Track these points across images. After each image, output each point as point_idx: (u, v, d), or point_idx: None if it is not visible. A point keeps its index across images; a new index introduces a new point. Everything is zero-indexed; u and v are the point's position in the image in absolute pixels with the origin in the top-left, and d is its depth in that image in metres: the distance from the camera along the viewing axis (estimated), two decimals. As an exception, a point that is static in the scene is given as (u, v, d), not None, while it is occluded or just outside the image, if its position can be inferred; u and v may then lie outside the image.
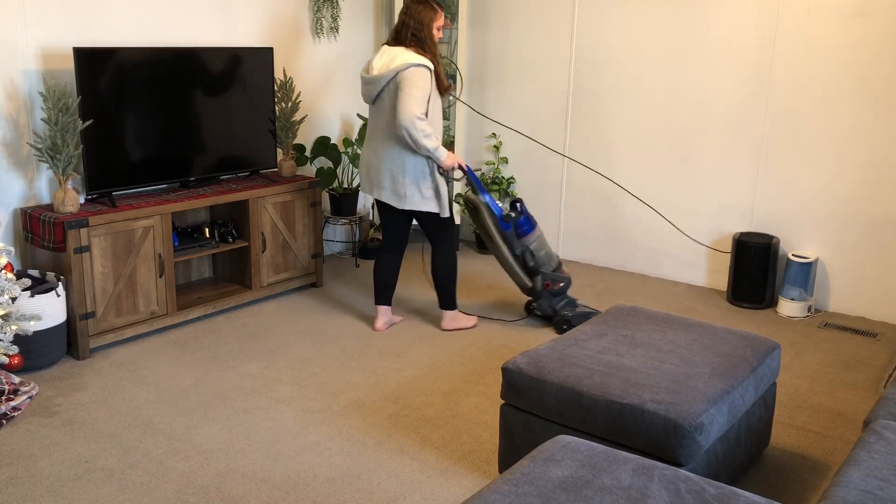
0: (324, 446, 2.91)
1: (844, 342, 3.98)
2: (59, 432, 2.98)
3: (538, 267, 3.96)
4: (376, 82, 3.64)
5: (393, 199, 3.73)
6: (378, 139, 3.72)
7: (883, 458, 1.97)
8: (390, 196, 3.73)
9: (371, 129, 3.77)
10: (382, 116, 3.68)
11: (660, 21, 4.68)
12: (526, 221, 3.97)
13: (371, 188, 3.79)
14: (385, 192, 3.74)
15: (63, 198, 3.53)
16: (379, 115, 3.71)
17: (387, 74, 3.59)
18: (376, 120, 3.72)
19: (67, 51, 3.76)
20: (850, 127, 4.18)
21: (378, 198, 3.78)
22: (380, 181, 3.74)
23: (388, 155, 3.69)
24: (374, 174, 3.75)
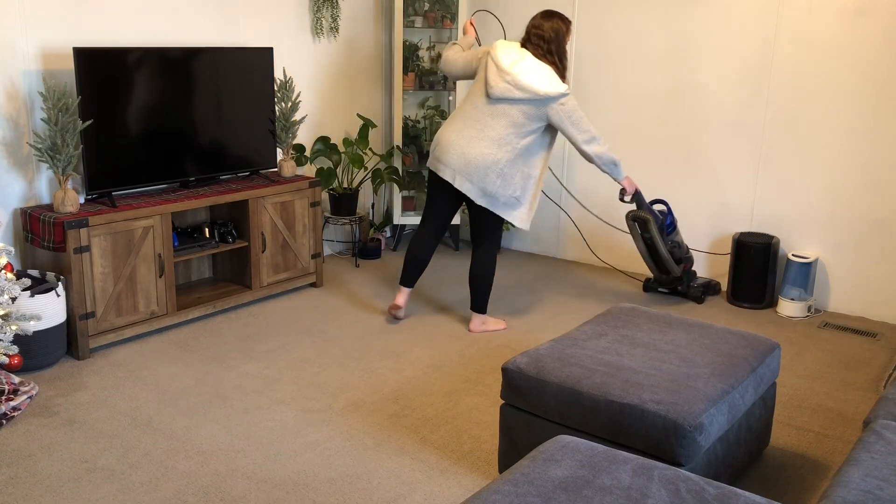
0: (324, 446, 2.91)
1: (844, 342, 3.98)
2: (59, 432, 2.98)
3: (682, 256, 4.49)
4: (525, 90, 3.55)
5: (475, 194, 3.67)
6: (485, 136, 3.62)
7: (883, 458, 1.97)
8: (474, 191, 3.66)
9: (475, 119, 3.65)
10: (503, 117, 3.61)
11: (660, 21, 4.68)
12: (671, 220, 4.44)
13: (455, 177, 3.67)
14: (472, 186, 3.66)
15: (63, 198, 3.53)
16: (497, 114, 3.61)
17: (542, 96, 3.55)
18: (492, 117, 3.62)
19: (67, 51, 3.76)
20: (849, 127, 4.18)
21: (460, 188, 3.67)
22: (470, 176, 3.64)
23: (494, 158, 3.61)
24: (464, 167, 3.64)
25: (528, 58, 3.63)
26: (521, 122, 3.63)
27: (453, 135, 3.70)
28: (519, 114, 3.61)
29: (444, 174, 3.70)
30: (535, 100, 3.59)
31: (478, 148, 3.63)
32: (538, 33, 3.69)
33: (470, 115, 3.69)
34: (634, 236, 4.38)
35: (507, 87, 3.58)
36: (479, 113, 3.66)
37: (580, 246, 5.26)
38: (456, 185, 3.69)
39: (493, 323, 4.04)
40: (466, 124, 3.68)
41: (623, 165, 4.97)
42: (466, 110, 3.72)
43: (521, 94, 3.58)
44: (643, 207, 4.29)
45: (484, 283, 3.90)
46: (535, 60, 3.64)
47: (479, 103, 3.68)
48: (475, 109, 3.68)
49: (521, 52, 3.67)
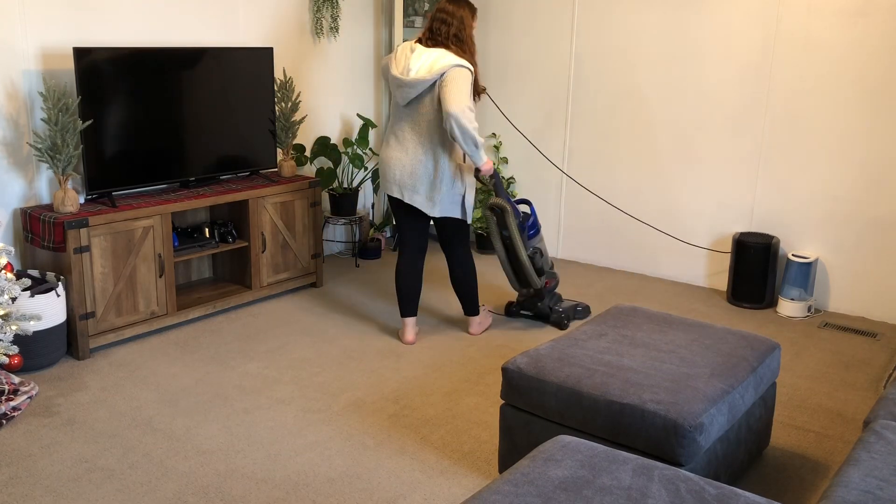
0: (324, 446, 2.91)
1: (844, 342, 3.98)
2: (59, 432, 2.98)
3: (543, 267, 4.04)
4: (416, 85, 3.50)
5: (427, 206, 3.62)
6: (414, 142, 3.59)
7: (883, 458, 1.97)
8: (424, 202, 3.62)
9: (402, 130, 3.62)
10: (421, 119, 3.57)
11: (660, 21, 4.68)
12: (535, 223, 4.05)
13: (402, 192, 3.63)
14: (419, 197, 3.62)
15: (63, 198, 3.53)
16: (416, 118, 3.58)
17: (429, 78, 3.47)
18: (413, 122, 3.59)
19: (67, 51, 3.76)
20: (849, 127, 4.18)
21: (411, 202, 3.62)
22: (414, 186, 3.60)
23: (428, 160, 3.58)
24: (407, 178, 3.61)
25: (415, 54, 3.56)
26: (435, 113, 3.55)
27: (390, 151, 3.66)
28: (429, 107, 3.55)
29: (393, 192, 3.65)
30: (430, 81, 3.50)
31: (414, 155, 3.59)
32: (441, 17, 3.61)
33: (396, 129, 3.65)
34: (491, 232, 3.98)
35: (404, 91, 3.54)
36: (402, 123, 3.63)
37: (580, 245, 5.26)
38: (406, 200, 3.63)
39: (486, 319, 4.05)
40: (398, 138, 3.64)
41: (623, 165, 4.98)
42: (393, 126, 3.68)
43: (416, 90, 3.51)
44: (501, 195, 3.93)
45: (469, 285, 3.88)
46: (422, 52, 3.56)
47: (398, 114, 3.64)
48: (398, 121, 3.64)
49: (406, 51, 3.61)
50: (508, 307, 4.27)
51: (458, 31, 3.60)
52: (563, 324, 4.10)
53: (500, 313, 4.31)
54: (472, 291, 3.89)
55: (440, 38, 3.58)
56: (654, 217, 4.91)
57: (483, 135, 5.53)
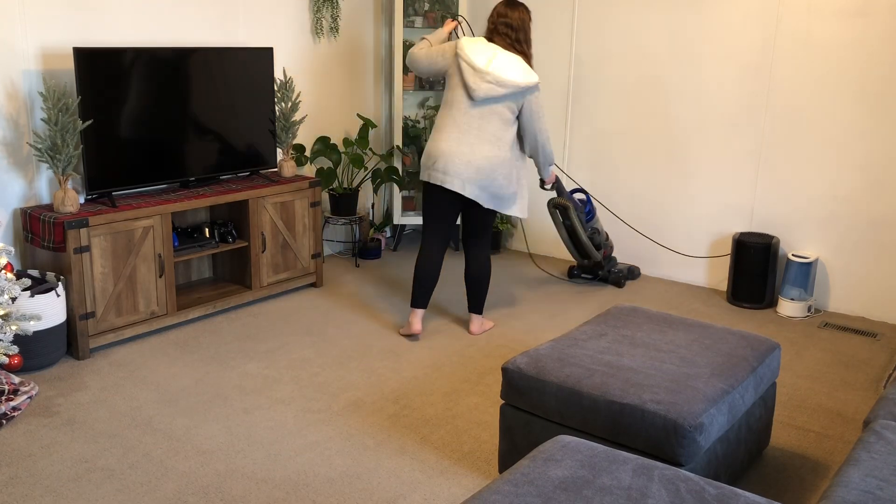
0: (324, 446, 2.91)
1: (844, 342, 3.98)
2: (59, 432, 2.98)
3: (601, 242, 4.73)
4: (507, 86, 3.53)
5: (483, 197, 3.63)
6: (481, 139, 3.58)
7: (883, 458, 1.97)
8: (482, 194, 3.62)
9: (468, 125, 3.59)
10: (494, 118, 3.58)
11: (660, 21, 4.68)
12: (591, 208, 4.69)
13: (464, 185, 3.59)
14: (480, 192, 3.62)
15: (63, 198, 3.53)
16: (487, 116, 3.58)
17: (520, 86, 3.54)
18: (483, 119, 3.58)
19: (67, 51, 3.76)
20: (849, 127, 4.18)
21: (471, 196, 3.61)
22: (476, 179, 3.59)
23: (497, 157, 3.60)
24: (472, 173, 3.59)
25: (500, 53, 3.59)
26: (507, 117, 3.62)
27: (452, 144, 3.61)
28: (505, 109, 3.61)
29: (453, 185, 3.60)
30: (516, 93, 3.59)
31: (481, 152, 3.59)
32: (506, 22, 3.65)
33: (461, 122, 3.62)
34: (556, 223, 4.64)
35: (489, 86, 3.54)
36: (469, 118, 3.60)
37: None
38: (466, 193, 3.61)
39: (488, 322, 4.07)
40: (461, 131, 3.61)
41: (623, 165, 4.98)
42: (455, 117, 3.63)
43: (504, 90, 3.55)
44: (563, 195, 4.53)
45: (485, 283, 3.90)
46: (506, 54, 3.60)
47: (465, 108, 3.61)
48: (464, 115, 3.61)
49: (491, 47, 3.62)
50: (570, 270, 4.89)
51: (527, 37, 3.71)
52: (622, 282, 4.73)
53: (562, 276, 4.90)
54: (484, 290, 3.91)
55: (510, 41, 3.66)
56: (655, 217, 4.91)
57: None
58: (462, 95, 3.61)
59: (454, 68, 3.65)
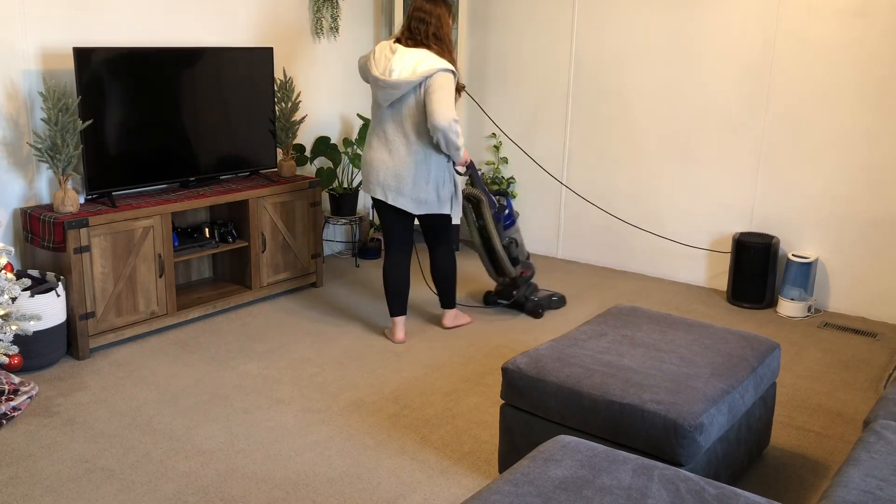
0: (324, 446, 2.91)
1: (844, 342, 3.98)
2: (59, 432, 2.98)
3: (519, 256, 4.18)
4: (400, 87, 3.49)
5: (412, 206, 3.63)
6: (398, 144, 3.58)
7: (883, 458, 1.97)
8: (409, 202, 3.62)
9: (385, 132, 3.61)
10: (405, 120, 3.56)
11: (660, 21, 4.68)
12: (511, 213, 4.18)
13: (386, 193, 3.63)
14: (404, 198, 3.62)
15: (63, 198, 3.53)
16: (399, 119, 3.56)
17: (414, 79, 3.46)
18: (396, 123, 3.57)
19: (67, 51, 3.76)
20: (849, 127, 4.18)
21: (394, 203, 3.63)
22: (399, 187, 3.61)
23: (413, 160, 3.57)
24: (391, 179, 3.61)
25: (396, 55, 3.54)
26: (420, 114, 3.54)
27: (374, 153, 3.65)
28: (413, 109, 3.54)
29: (377, 194, 3.65)
30: (414, 84, 3.50)
31: (398, 158, 3.58)
32: (419, 16, 3.60)
33: (379, 130, 3.64)
34: (468, 222, 4.11)
35: (387, 92, 3.53)
36: (384, 124, 3.62)
37: (580, 246, 5.26)
38: (390, 201, 3.63)
39: (462, 316, 4.10)
40: (380, 139, 3.63)
41: (623, 165, 4.98)
42: (374, 127, 3.67)
43: (399, 91, 3.50)
44: (477, 185, 4.02)
45: (449, 279, 3.94)
46: (402, 54, 3.54)
47: (380, 116, 3.63)
48: (380, 123, 3.63)
49: (386, 52, 3.59)
50: (487, 296, 4.40)
51: (437, 29, 3.59)
52: (538, 313, 4.19)
53: (479, 304, 4.40)
54: (452, 285, 3.96)
55: (419, 37, 3.57)
56: (655, 217, 4.91)
57: (483, 135, 5.53)
58: (376, 105, 3.65)
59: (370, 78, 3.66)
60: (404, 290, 3.83)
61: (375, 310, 4.31)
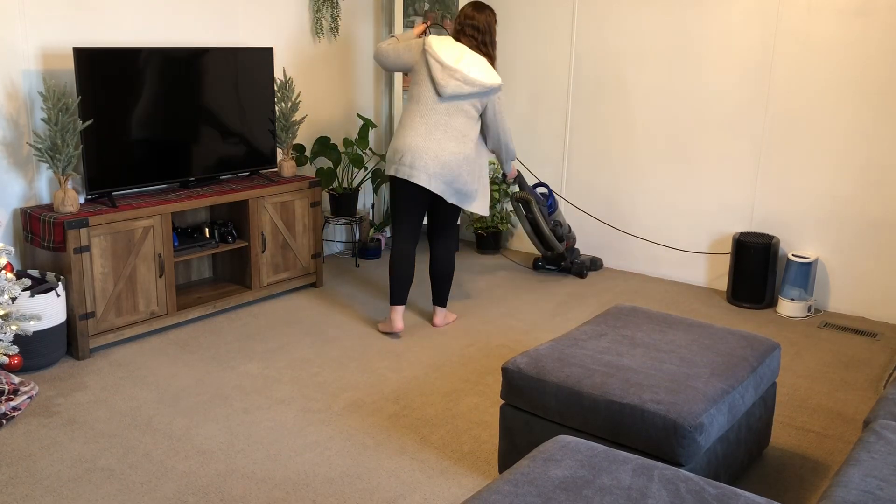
0: (324, 446, 2.91)
1: (844, 342, 3.98)
2: (59, 432, 2.98)
3: (563, 234, 4.87)
4: (475, 85, 3.61)
5: (450, 194, 3.71)
6: (447, 135, 3.66)
7: (883, 458, 1.97)
8: (447, 190, 3.69)
9: (434, 121, 3.66)
10: (459, 115, 3.66)
11: (660, 21, 4.68)
12: (553, 201, 4.87)
13: (430, 180, 3.65)
14: (446, 186, 3.68)
15: (63, 198, 3.53)
16: (453, 113, 3.66)
17: (487, 85, 3.63)
18: (449, 116, 3.65)
19: (67, 51, 3.76)
20: (849, 127, 4.18)
21: (435, 190, 3.67)
22: (442, 174, 3.66)
23: (464, 154, 3.68)
24: (438, 168, 3.65)
25: (467, 52, 3.68)
26: (472, 115, 3.71)
27: (419, 139, 3.67)
28: (470, 108, 3.69)
29: (419, 180, 3.66)
30: (482, 92, 3.67)
31: (448, 148, 3.67)
32: (473, 24, 3.73)
33: (429, 117, 3.67)
34: (519, 216, 4.82)
35: (457, 84, 3.62)
36: (436, 114, 3.67)
37: (580, 246, 5.27)
38: (432, 188, 3.67)
39: (450, 315, 4.16)
40: (429, 127, 3.67)
41: (623, 165, 4.98)
42: (423, 112, 3.69)
43: (471, 88, 3.63)
44: (525, 189, 4.75)
45: (449, 278, 3.99)
46: (473, 54, 3.69)
47: (432, 104, 3.68)
48: (432, 111, 3.67)
49: (459, 46, 3.70)
50: (535, 262, 5.02)
51: (492, 40, 3.79)
52: (584, 273, 4.90)
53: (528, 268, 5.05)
54: (448, 283, 4.01)
55: (476, 42, 3.75)
56: (655, 217, 4.91)
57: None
58: (429, 91, 3.68)
59: (421, 64, 3.71)
60: (410, 279, 3.89)
61: (376, 310, 4.31)
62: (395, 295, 3.87)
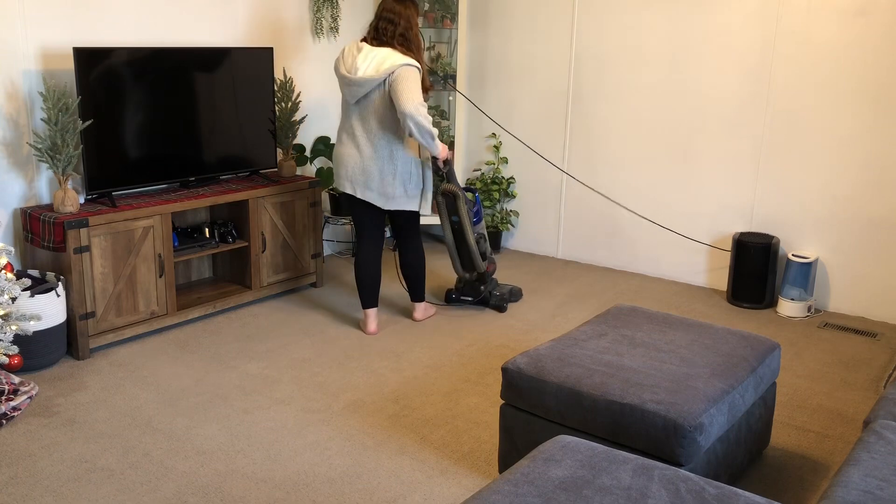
0: (324, 446, 2.91)
1: (844, 342, 3.98)
2: (59, 432, 2.98)
3: (486, 251, 4.25)
4: (364, 84, 3.60)
5: (380, 201, 3.73)
6: (365, 140, 3.68)
7: (883, 458, 1.97)
8: (377, 197, 3.72)
9: (353, 128, 3.70)
10: (371, 117, 3.65)
11: (660, 21, 4.68)
12: (479, 210, 4.25)
13: (354, 188, 3.73)
14: (372, 193, 3.72)
15: (63, 198, 3.53)
16: (365, 116, 3.66)
17: (377, 77, 3.56)
18: (363, 120, 3.68)
19: (67, 51, 3.76)
20: (849, 127, 4.18)
21: (363, 198, 3.73)
22: (367, 182, 3.71)
23: (379, 156, 3.67)
24: (359, 175, 3.71)
25: (361, 53, 3.64)
26: (384, 112, 3.64)
27: (344, 149, 3.74)
28: (379, 105, 3.64)
29: (346, 188, 3.75)
30: (379, 82, 3.59)
31: (366, 153, 3.69)
32: (388, 17, 3.68)
33: (347, 127, 3.74)
34: (442, 218, 4.14)
35: (353, 89, 3.63)
36: (352, 121, 3.71)
37: (580, 246, 5.26)
38: (358, 195, 3.73)
39: (430, 308, 4.21)
40: (348, 135, 3.73)
41: (623, 165, 4.98)
42: (344, 123, 3.77)
43: (364, 88, 3.61)
44: (453, 182, 4.05)
45: (419, 273, 4.02)
46: (369, 51, 3.63)
47: (349, 113, 3.73)
48: (349, 119, 3.73)
49: (352, 51, 3.69)
50: (448, 294, 4.42)
51: (405, 30, 3.69)
52: (503, 307, 4.29)
53: (440, 303, 4.43)
54: (421, 279, 4.05)
55: (385, 37, 3.67)
56: (655, 217, 4.91)
57: (483, 135, 5.53)
58: (344, 103, 3.75)
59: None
60: (376, 283, 3.93)
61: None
62: (365, 299, 3.94)
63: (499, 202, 5.40)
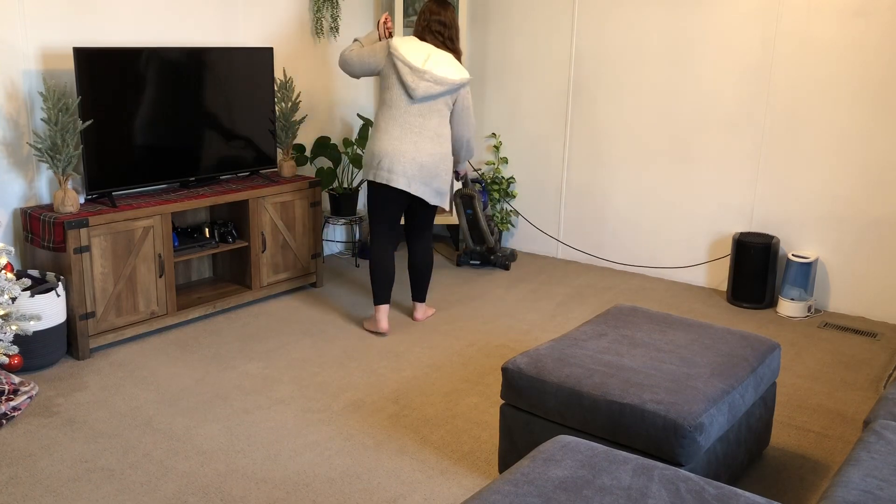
0: (324, 446, 2.91)
1: (844, 342, 3.98)
2: (59, 432, 2.98)
3: (494, 228, 5.13)
4: (445, 84, 3.64)
5: (431, 196, 3.77)
6: (423, 136, 3.68)
7: (883, 458, 1.97)
8: (430, 193, 3.76)
9: (410, 124, 3.67)
10: (432, 115, 3.69)
11: (660, 21, 4.68)
12: (486, 197, 5.16)
13: (409, 183, 3.69)
14: (427, 188, 3.74)
15: (63, 198, 3.53)
16: (426, 113, 3.68)
17: (457, 82, 3.67)
18: (423, 117, 3.68)
19: (67, 51, 3.76)
20: (849, 127, 4.18)
21: (416, 193, 3.71)
22: (423, 178, 3.71)
23: (440, 154, 3.74)
24: (416, 170, 3.68)
25: (434, 51, 3.70)
26: (445, 113, 3.75)
27: (395, 143, 3.69)
28: (443, 106, 3.73)
29: (399, 184, 3.69)
30: (453, 89, 3.70)
31: (424, 150, 3.70)
32: (440, 20, 3.75)
33: (403, 120, 3.69)
34: (458, 212, 5.02)
35: (428, 85, 3.64)
36: (410, 116, 3.69)
37: (580, 246, 5.27)
38: (412, 191, 3.71)
39: (430, 309, 4.23)
40: (404, 130, 3.69)
41: (623, 165, 4.98)
42: (396, 116, 3.70)
43: (441, 88, 3.66)
44: (468, 186, 5.01)
45: (428, 274, 4.05)
46: (439, 52, 3.72)
47: (405, 106, 3.69)
48: (405, 113, 3.69)
49: (425, 46, 3.72)
50: (459, 258, 5.12)
51: (457, 35, 3.82)
52: (507, 265, 5.07)
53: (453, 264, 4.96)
54: (427, 279, 4.08)
55: (442, 39, 3.76)
56: (655, 217, 4.91)
57: (482, 135, 5.54)
58: (401, 94, 3.70)
59: (389, 68, 3.71)
60: (392, 278, 3.94)
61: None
62: (379, 295, 3.92)
63: (499, 202, 5.40)
